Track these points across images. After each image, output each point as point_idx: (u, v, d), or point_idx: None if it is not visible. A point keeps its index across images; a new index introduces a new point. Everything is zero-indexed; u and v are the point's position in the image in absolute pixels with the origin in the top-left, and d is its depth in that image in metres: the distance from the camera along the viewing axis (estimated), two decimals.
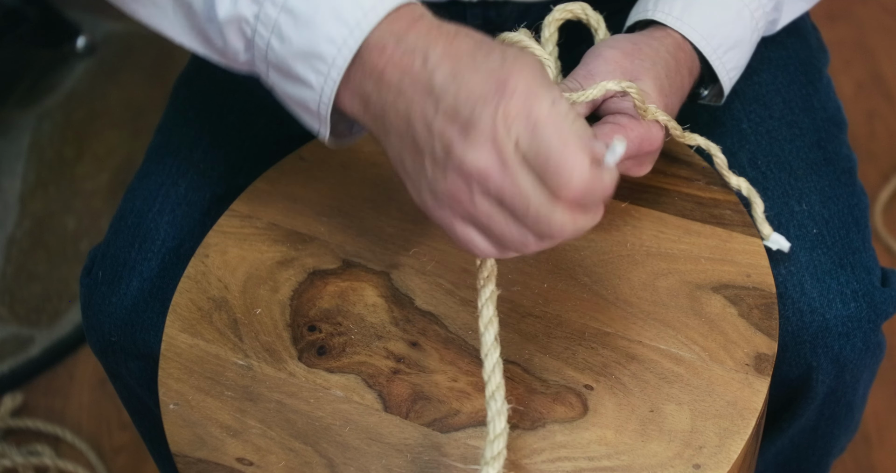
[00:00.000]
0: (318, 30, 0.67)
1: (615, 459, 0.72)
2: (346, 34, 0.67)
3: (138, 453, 1.51)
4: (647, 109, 0.78)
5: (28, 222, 1.77)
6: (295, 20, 0.68)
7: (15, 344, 1.63)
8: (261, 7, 0.69)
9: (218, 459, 0.74)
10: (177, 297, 0.83)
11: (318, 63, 0.68)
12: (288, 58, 0.69)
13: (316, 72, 0.68)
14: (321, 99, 0.69)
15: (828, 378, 0.88)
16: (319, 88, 0.69)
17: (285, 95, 0.71)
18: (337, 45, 0.67)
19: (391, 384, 0.77)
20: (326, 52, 0.67)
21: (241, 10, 0.69)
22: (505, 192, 0.63)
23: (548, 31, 0.84)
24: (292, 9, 0.68)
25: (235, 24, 0.70)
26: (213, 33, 0.72)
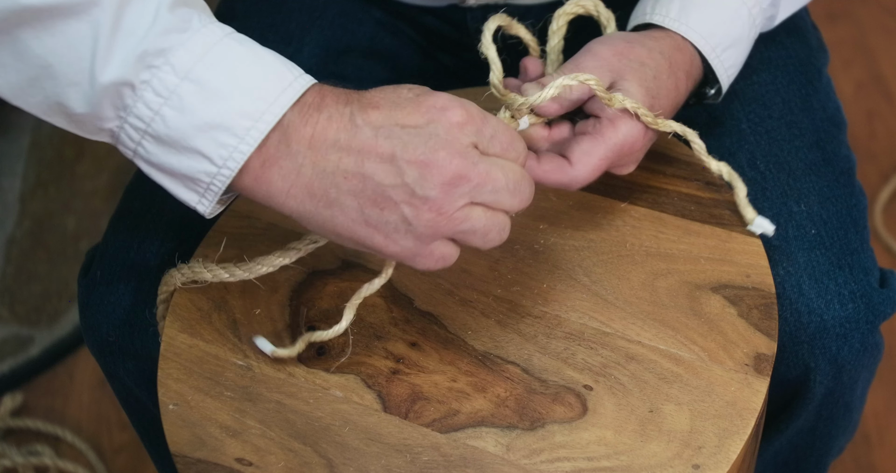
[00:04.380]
0: (231, 102, 0.67)
1: (614, 459, 0.72)
2: (265, 109, 0.67)
3: (138, 453, 1.51)
4: (612, 97, 0.78)
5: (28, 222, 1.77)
6: (202, 90, 0.66)
7: (15, 344, 1.63)
8: (154, 74, 0.66)
9: (217, 459, 0.74)
10: (176, 297, 0.83)
11: (223, 136, 0.67)
12: (186, 128, 0.67)
13: (219, 145, 0.67)
14: (220, 173, 0.68)
15: (826, 379, 0.88)
16: (221, 162, 0.68)
17: (162, 165, 0.69)
18: (253, 119, 0.67)
19: (390, 384, 0.77)
20: (239, 125, 0.67)
21: (129, 75, 0.66)
22: (484, 180, 0.69)
23: (556, 23, 0.84)
24: (201, 80, 0.67)
25: (115, 89, 0.67)
26: (71, 98, 0.68)
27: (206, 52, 0.67)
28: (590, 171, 0.79)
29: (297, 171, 0.68)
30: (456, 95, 0.71)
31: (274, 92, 0.67)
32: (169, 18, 0.67)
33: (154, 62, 0.66)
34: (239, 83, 0.67)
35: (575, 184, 0.79)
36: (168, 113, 0.67)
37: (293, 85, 0.68)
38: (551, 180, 0.79)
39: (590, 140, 0.79)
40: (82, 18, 0.66)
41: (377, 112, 0.68)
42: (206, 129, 0.67)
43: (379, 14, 1.04)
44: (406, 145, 0.67)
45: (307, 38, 1.01)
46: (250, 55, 0.69)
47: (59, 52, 0.66)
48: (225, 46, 0.68)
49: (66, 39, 0.66)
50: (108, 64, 0.66)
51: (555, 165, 0.79)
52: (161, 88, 0.66)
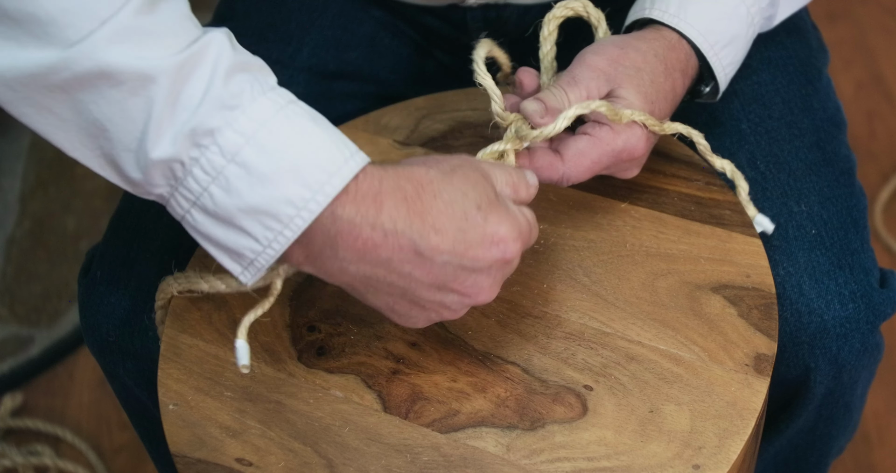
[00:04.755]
0: (275, 189, 0.66)
1: (614, 459, 0.72)
2: (309, 197, 0.66)
3: (138, 453, 1.51)
4: (620, 116, 0.78)
5: (28, 222, 1.77)
6: (248, 174, 0.66)
7: (15, 344, 1.63)
8: (202, 152, 0.66)
9: (217, 459, 0.74)
10: (176, 297, 0.83)
11: (269, 221, 0.67)
12: (232, 209, 0.67)
13: (265, 227, 0.67)
14: (264, 252, 0.68)
15: (826, 379, 0.88)
16: (266, 243, 0.67)
17: (209, 235, 0.69)
18: (297, 207, 0.66)
19: (391, 384, 0.77)
20: (282, 213, 0.66)
21: (179, 153, 0.66)
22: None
23: (547, 29, 0.84)
24: (246, 163, 0.66)
25: (166, 164, 0.67)
26: (126, 162, 0.68)
27: (254, 134, 0.66)
28: (581, 171, 0.79)
29: (342, 270, 0.69)
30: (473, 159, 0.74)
31: (320, 179, 0.66)
32: (221, 93, 0.66)
33: (203, 141, 0.66)
34: (285, 168, 0.66)
35: (565, 181, 0.80)
36: (216, 192, 0.67)
37: (341, 171, 0.67)
38: (542, 177, 0.79)
39: (587, 141, 0.79)
40: (139, 93, 0.66)
41: (440, 239, 0.68)
42: (251, 212, 0.66)
43: (379, 14, 1.04)
44: (457, 277, 0.70)
45: (307, 38, 1.01)
46: (301, 135, 0.67)
47: (115, 121, 0.66)
48: (276, 126, 0.67)
49: (121, 110, 0.66)
50: (159, 140, 0.66)
51: (546, 161, 0.79)
52: (209, 167, 0.66)
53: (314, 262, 0.70)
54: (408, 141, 0.92)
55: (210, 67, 0.67)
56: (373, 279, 0.70)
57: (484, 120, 0.93)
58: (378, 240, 0.68)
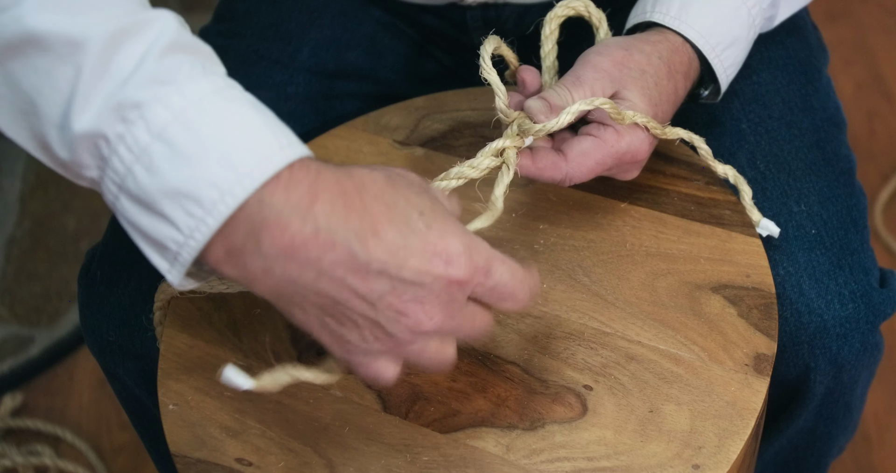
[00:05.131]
0: (200, 169, 0.60)
1: (614, 459, 0.72)
2: (234, 181, 0.60)
3: (138, 453, 1.51)
4: (623, 117, 0.78)
5: (28, 222, 1.77)
6: (172, 153, 0.61)
7: (15, 344, 1.63)
8: (128, 128, 0.61)
9: (217, 459, 0.74)
10: (176, 297, 0.83)
11: (191, 205, 0.61)
12: (154, 192, 0.61)
13: (187, 213, 0.61)
14: (187, 243, 0.62)
15: (826, 379, 0.88)
16: (188, 233, 0.62)
17: (135, 224, 0.63)
18: (220, 190, 0.60)
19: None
20: (205, 196, 0.60)
21: (103, 127, 0.61)
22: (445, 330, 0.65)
23: (548, 28, 0.84)
24: (172, 141, 0.61)
25: (90, 139, 0.62)
26: (54, 140, 0.64)
27: (183, 110, 0.61)
28: (584, 171, 0.79)
29: (265, 271, 0.62)
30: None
31: (248, 163, 0.61)
32: (154, 67, 0.62)
33: (129, 116, 0.61)
34: (212, 149, 0.61)
35: (567, 181, 0.80)
36: (139, 172, 0.62)
37: (272, 158, 0.61)
38: (545, 177, 0.79)
39: (591, 142, 0.79)
40: (66, 61, 0.62)
41: (377, 242, 0.61)
42: (173, 195, 0.61)
43: (378, 13, 1.04)
44: (394, 289, 0.62)
45: (307, 38, 1.01)
46: (235, 117, 0.62)
47: (43, 92, 0.63)
48: (208, 105, 0.62)
49: (49, 79, 0.62)
50: (83, 112, 0.62)
51: (549, 162, 0.79)
52: (133, 144, 0.61)
53: (235, 260, 0.62)
54: (408, 141, 0.92)
55: (147, 41, 0.62)
56: (300, 285, 0.62)
57: (484, 120, 0.93)
58: (308, 235, 0.61)
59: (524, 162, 0.79)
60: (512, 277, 0.66)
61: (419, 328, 0.64)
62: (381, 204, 0.63)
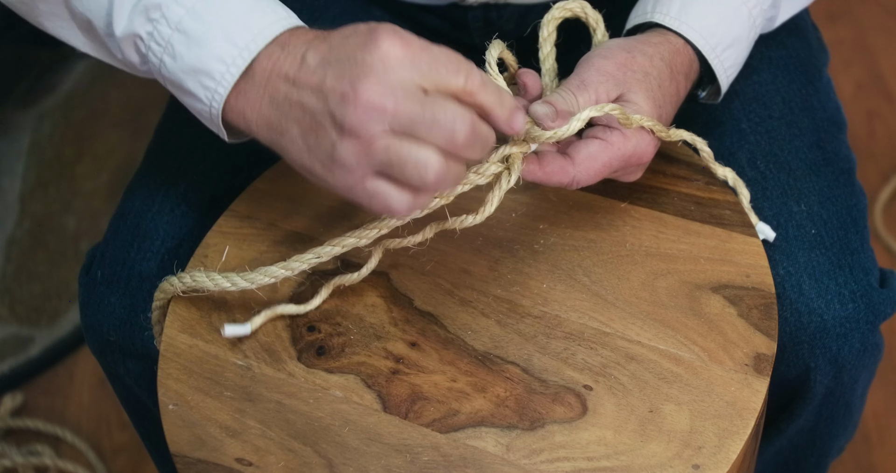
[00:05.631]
0: (209, 49, 0.73)
1: (614, 459, 0.72)
2: (236, 54, 0.73)
3: (138, 453, 1.51)
4: (631, 121, 0.78)
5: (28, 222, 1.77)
6: (187, 39, 0.74)
7: (15, 344, 1.63)
8: (154, 26, 0.75)
9: (217, 459, 0.74)
10: (176, 297, 0.83)
11: (206, 79, 0.74)
12: (179, 74, 0.75)
13: (204, 88, 0.74)
14: (211, 111, 0.75)
15: (826, 379, 0.88)
16: (209, 102, 0.75)
17: (181, 101, 0.78)
18: (226, 63, 0.73)
19: (390, 384, 0.77)
20: (215, 70, 0.73)
21: (136, 28, 0.75)
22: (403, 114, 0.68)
23: (546, 30, 0.84)
24: (185, 29, 0.74)
25: (131, 40, 0.76)
26: (112, 47, 0.78)
27: (193, 5, 0.74)
28: (591, 175, 0.79)
29: (259, 102, 0.73)
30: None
31: (246, 37, 0.73)
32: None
33: (153, 15, 0.74)
34: (217, 31, 0.73)
35: (575, 185, 0.79)
36: (167, 60, 0.75)
37: (266, 30, 0.73)
38: (552, 181, 0.79)
39: (598, 145, 0.79)
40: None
41: (325, 45, 0.71)
42: (192, 73, 0.74)
43: (379, 13, 1.04)
44: (334, 74, 0.69)
45: None
46: (234, 3, 0.74)
47: (91, 9, 0.77)
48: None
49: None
50: (120, 19, 0.75)
51: (557, 166, 0.79)
52: (160, 38, 0.75)
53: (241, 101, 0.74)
54: None
55: None
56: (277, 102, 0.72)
57: None
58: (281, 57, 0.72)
59: (531, 167, 0.78)
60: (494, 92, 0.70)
61: (365, 105, 0.67)
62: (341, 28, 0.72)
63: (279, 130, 0.73)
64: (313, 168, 0.72)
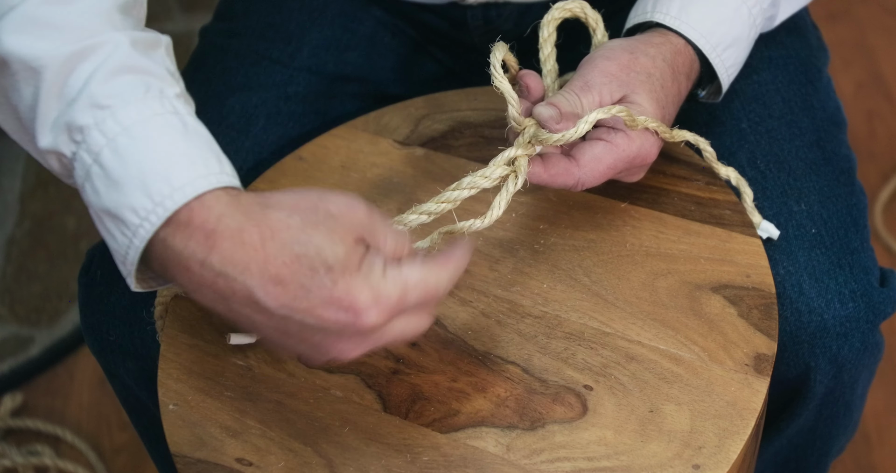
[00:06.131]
0: (124, 195, 0.65)
1: (614, 459, 0.72)
2: (149, 209, 0.64)
3: (138, 453, 1.51)
4: (637, 122, 0.78)
5: (28, 222, 1.77)
6: (106, 177, 0.65)
7: (15, 344, 1.63)
8: (77, 148, 0.66)
9: (217, 459, 0.74)
10: (176, 297, 0.83)
11: (122, 226, 0.65)
12: (98, 209, 0.66)
13: (121, 233, 0.66)
14: (126, 256, 0.66)
15: (826, 378, 0.88)
16: (124, 250, 0.66)
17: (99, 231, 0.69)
18: (139, 217, 0.64)
19: (390, 384, 0.77)
20: (129, 220, 0.65)
21: (59, 146, 0.67)
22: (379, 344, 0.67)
23: (546, 30, 0.84)
24: (105, 165, 0.65)
25: (54, 154, 0.68)
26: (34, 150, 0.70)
27: (116, 136, 0.65)
28: (596, 176, 0.79)
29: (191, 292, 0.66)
30: None
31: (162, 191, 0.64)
32: (97, 91, 0.66)
33: (76, 137, 0.66)
34: (133, 175, 0.65)
35: (580, 187, 0.79)
36: (88, 189, 0.67)
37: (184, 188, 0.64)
38: (557, 184, 0.79)
39: (603, 147, 0.79)
40: (29, 82, 0.67)
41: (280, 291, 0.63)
42: (108, 215, 0.66)
43: (379, 13, 1.04)
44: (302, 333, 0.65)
45: (307, 38, 1.01)
46: (159, 144, 0.66)
47: (20, 108, 0.68)
48: (138, 131, 0.65)
49: (20, 98, 0.68)
50: (43, 131, 0.67)
51: (561, 168, 0.79)
52: (80, 165, 0.66)
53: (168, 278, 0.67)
54: (408, 141, 0.92)
55: (95, 64, 0.67)
56: (222, 308, 0.65)
57: (484, 120, 0.93)
58: (208, 279, 0.64)
59: (535, 169, 0.78)
60: (426, 286, 0.66)
61: (341, 357, 0.66)
62: (288, 254, 0.63)
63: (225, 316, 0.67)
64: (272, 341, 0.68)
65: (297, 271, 0.63)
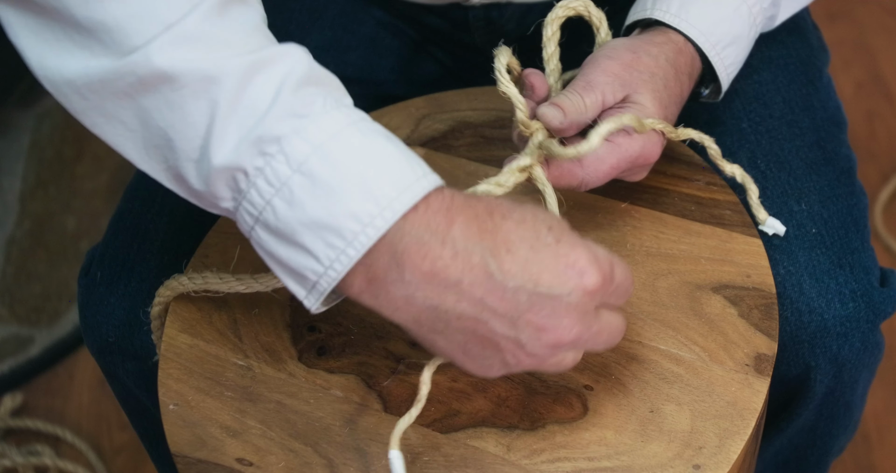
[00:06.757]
0: (341, 202, 0.62)
1: (615, 459, 0.72)
2: (376, 213, 0.62)
3: (138, 453, 1.51)
4: (643, 125, 0.78)
5: (28, 222, 1.77)
6: (313, 186, 0.62)
7: (15, 344, 1.63)
8: (268, 162, 0.63)
9: (218, 459, 0.74)
10: (176, 297, 0.83)
11: (332, 237, 0.63)
12: (294, 224, 0.63)
13: (327, 245, 0.63)
14: (326, 274, 0.64)
15: (826, 378, 0.88)
16: (328, 263, 0.64)
17: (273, 254, 0.66)
18: (362, 223, 0.62)
19: (391, 384, 0.77)
20: (346, 228, 0.62)
21: (242, 161, 0.64)
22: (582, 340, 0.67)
23: (550, 29, 0.84)
24: (313, 173, 0.62)
25: (229, 172, 0.65)
26: (190, 173, 0.66)
27: (322, 144, 0.63)
28: (600, 176, 0.79)
29: (406, 299, 0.64)
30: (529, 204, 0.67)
31: (388, 195, 0.63)
32: (290, 101, 0.64)
33: (268, 149, 0.63)
34: (352, 181, 0.62)
35: (583, 187, 0.79)
36: (279, 205, 0.63)
37: (411, 188, 0.63)
38: (561, 185, 0.79)
39: (607, 147, 0.79)
40: (200, 95, 0.64)
41: (511, 259, 0.63)
42: (314, 227, 0.63)
43: (380, 14, 1.04)
44: (532, 306, 0.64)
45: (307, 39, 1.01)
46: (372, 149, 0.64)
47: (178, 128, 0.65)
48: (346, 138, 0.64)
49: (183, 115, 0.64)
50: (222, 146, 0.64)
51: (565, 169, 0.79)
52: (273, 178, 0.63)
53: (377, 288, 0.64)
54: (408, 141, 0.92)
55: (281, 75, 0.65)
56: (441, 310, 0.64)
57: (484, 120, 0.93)
58: (447, 259, 0.63)
59: (540, 169, 0.78)
60: (627, 274, 0.68)
61: (559, 342, 0.65)
62: (511, 222, 0.64)
63: (432, 330, 0.65)
64: (459, 363, 0.68)
65: (524, 236, 0.64)
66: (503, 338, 0.65)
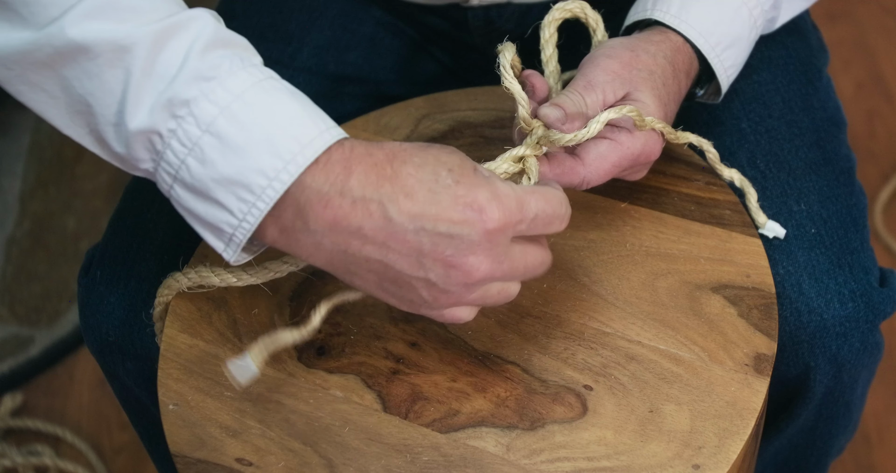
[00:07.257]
0: (249, 159, 0.66)
1: (614, 459, 0.72)
2: (280, 168, 0.66)
3: (138, 453, 1.51)
4: (644, 122, 0.78)
5: (28, 222, 1.77)
6: (222, 145, 0.66)
7: (15, 344, 1.63)
8: (179, 124, 0.67)
9: (217, 459, 0.74)
10: (176, 297, 0.83)
11: (242, 192, 0.67)
12: (207, 181, 0.67)
13: (239, 199, 0.67)
14: (240, 226, 0.68)
15: (826, 378, 0.88)
16: (241, 216, 0.68)
17: (191, 210, 0.69)
18: (268, 177, 0.66)
19: (390, 384, 0.77)
20: (255, 183, 0.66)
21: (156, 124, 0.67)
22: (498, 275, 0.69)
23: (547, 31, 0.84)
24: (220, 134, 0.66)
25: (145, 135, 0.68)
26: (110, 137, 0.70)
27: (229, 105, 0.67)
28: (601, 174, 0.79)
29: (316, 245, 0.68)
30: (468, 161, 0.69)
31: (292, 150, 0.66)
32: (198, 65, 0.67)
33: (179, 112, 0.67)
34: (258, 139, 0.66)
35: (584, 185, 0.80)
36: (192, 164, 0.67)
37: (313, 143, 0.67)
38: (563, 182, 0.79)
39: (608, 145, 0.79)
40: (115, 64, 0.67)
41: (410, 203, 0.66)
42: (225, 183, 0.67)
43: (379, 13, 1.04)
44: (435, 245, 0.66)
45: (307, 38, 1.01)
46: (277, 107, 0.68)
47: (96, 95, 0.68)
48: (251, 97, 0.67)
49: (100, 83, 0.68)
50: (137, 111, 0.67)
51: (566, 167, 0.79)
52: (185, 138, 0.67)
53: (288, 237, 0.69)
54: (408, 141, 0.92)
55: (189, 40, 0.68)
56: (349, 254, 0.68)
57: (484, 120, 0.93)
58: (347, 207, 0.66)
59: (541, 168, 0.78)
60: (546, 202, 0.70)
61: (470, 278, 0.68)
62: (411, 166, 0.67)
63: (347, 272, 0.69)
64: (383, 299, 0.71)
65: (423, 179, 0.67)
66: (413, 278, 0.68)
